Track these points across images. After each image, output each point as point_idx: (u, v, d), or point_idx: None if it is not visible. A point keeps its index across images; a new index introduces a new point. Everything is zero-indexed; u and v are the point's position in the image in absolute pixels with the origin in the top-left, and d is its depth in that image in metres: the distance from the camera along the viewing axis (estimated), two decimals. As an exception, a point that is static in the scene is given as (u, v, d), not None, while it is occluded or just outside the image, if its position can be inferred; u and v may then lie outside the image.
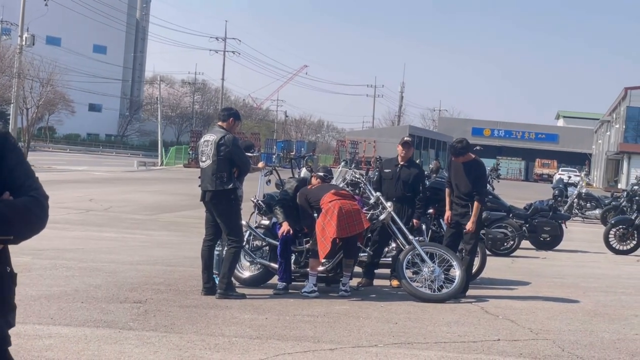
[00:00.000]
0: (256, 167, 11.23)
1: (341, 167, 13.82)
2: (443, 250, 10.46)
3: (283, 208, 10.52)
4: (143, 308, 8.59)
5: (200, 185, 9.86)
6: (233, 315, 8.50)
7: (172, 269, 11.63)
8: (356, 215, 10.01)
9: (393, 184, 11.32)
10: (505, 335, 8.15)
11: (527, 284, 12.25)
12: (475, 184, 10.75)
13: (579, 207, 28.51)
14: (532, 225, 17.73)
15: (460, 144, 10.88)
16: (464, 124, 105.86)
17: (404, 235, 10.52)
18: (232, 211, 9.70)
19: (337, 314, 8.84)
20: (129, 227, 18.07)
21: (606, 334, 8.56)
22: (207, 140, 9.78)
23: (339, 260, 10.29)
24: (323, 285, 10.58)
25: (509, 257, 16.21)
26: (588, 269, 15.11)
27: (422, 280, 10.21)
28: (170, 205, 24.85)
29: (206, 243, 9.93)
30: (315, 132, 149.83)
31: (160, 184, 36.37)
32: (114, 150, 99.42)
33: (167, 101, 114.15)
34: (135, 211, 22.23)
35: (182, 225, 19.13)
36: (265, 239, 10.69)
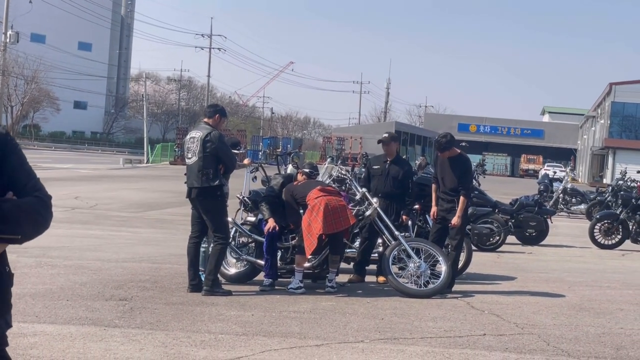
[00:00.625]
0: (242, 163, 11.21)
1: (327, 163, 13.83)
2: (429, 246, 10.48)
3: (269, 204, 10.51)
4: (129, 305, 8.57)
5: (186, 182, 9.84)
6: (219, 312, 8.49)
7: (158, 266, 11.61)
8: (342, 211, 10.02)
9: (382, 181, 11.32)
10: (491, 330, 8.17)
11: (512, 279, 12.29)
12: (461, 179, 10.78)
13: (564, 202, 28.63)
14: (518, 221, 17.79)
15: (445, 139, 10.90)
16: (450, 119, 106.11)
17: (390, 231, 10.53)
18: (218, 208, 9.69)
19: (324, 310, 8.85)
20: (114, 224, 18.02)
21: (591, 328, 8.60)
22: (193, 136, 9.76)
23: (325, 257, 10.30)
24: (309, 281, 10.59)
25: (495, 252, 16.26)
26: (573, 263, 15.18)
27: (408, 276, 10.23)
28: (156, 203, 24.79)
29: (192, 240, 9.91)
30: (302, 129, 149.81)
31: (146, 182, 36.27)
32: (100, 147, 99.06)
33: (153, 98, 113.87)
34: (121, 209, 22.17)
35: (168, 223, 19.09)
36: (252, 236, 10.68)
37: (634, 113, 72.61)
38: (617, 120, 72.70)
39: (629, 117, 72.91)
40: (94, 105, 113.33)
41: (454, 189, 10.78)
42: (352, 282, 11.07)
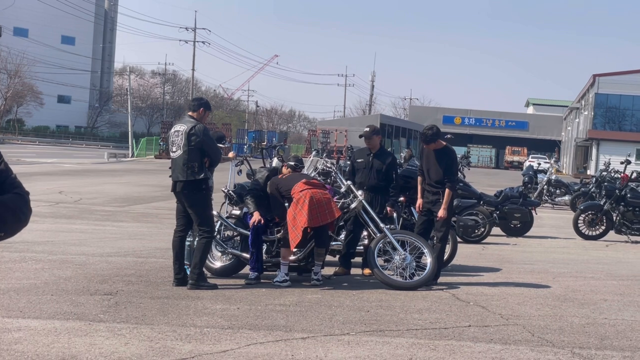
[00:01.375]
0: (227, 157, 11.19)
1: (313, 156, 13.83)
2: (414, 238, 10.50)
3: (254, 198, 10.49)
4: (114, 300, 8.55)
5: (171, 175, 9.81)
6: (205, 305, 8.48)
7: (143, 261, 11.58)
8: (327, 204, 10.02)
9: (366, 173, 11.31)
10: (476, 322, 8.20)
11: (497, 270, 12.33)
12: (446, 171, 10.79)
13: (548, 193, 28.74)
14: (503, 212, 17.84)
15: (431, 131, 10.91)
16: (435, 112, 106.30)
17: (375, 223, 10.53)
18: (203, 201, 9.67)
19: (309, 303, 8.85)
20: (99, 219, 17.95)
21: (575, 318, 8.64)
22: (177, 130, 9.73)
23: (310, 250, 10.30)
24: (295, 274, 10.59)
25: (480, 244, 16.30)
26: (558, 254, 15.25)
27: (394, 268, 10.24)
28: (141, 197, 24.72)
29: (177, 234, 9.89)
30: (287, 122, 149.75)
31: (131, 176, 36.17)
32: (84, 142, 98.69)
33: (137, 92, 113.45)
34: (106, 203, 22.09)
35: (153, 217, 19.04)
36: (237, 229, 10.67)
37: (618, 104, 72.95)
38: (601, 111, 73.01)
39: (612, 109, 73.24)
40: (77, 100, 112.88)
41: (440, 181, 10.79)
42: (337, 274, 11.07)
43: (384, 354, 6.70)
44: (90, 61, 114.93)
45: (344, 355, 6.60)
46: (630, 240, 18.36)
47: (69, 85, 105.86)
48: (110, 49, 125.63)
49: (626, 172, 22.93)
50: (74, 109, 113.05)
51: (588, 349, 7.23)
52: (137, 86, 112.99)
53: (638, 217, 18.46)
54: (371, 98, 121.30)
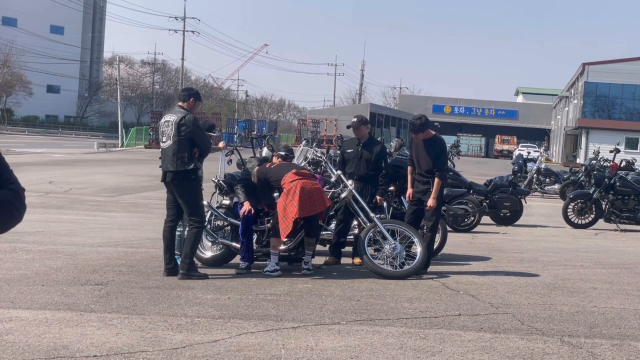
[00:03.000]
0: (217, 147, 11.17)
1: (303, 146, 13.81)
2: (404, 228, 10.52)
3: (244, 188, 10.49)
4: (104, 290, 8.55)
5: (161, 165, 9.80)
6: (195, 295, 8.49)
7: (134, 251, 11.57)
8: (317, 194, 10.02)
9: (356, 163, 11.32)
10: (466, 310, 8.23)
11: (487, 259, 12.38)
12: (435, 160, 10.80)
13: (538, 182, 28.81)
14: (492, 201, 17.88)
15: (420, 121, 10.93)
16: (425, 101, 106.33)
17: (365, 212, 10.55)
18: (194, 191, 9.66)
19: (300, 293, 8.87)
20: (89, 209, 17.93)
21: (565, 306, 8.68)
22: (167, 120, 9.71)
23: (300, 239, 10.31)
24: (285, 264, 10.60)
25: (470, 233, 16.35)
26: (547, 243, 15.30)
27: (384, 258, 10.27)
28: (131, 187, 24.68)
29: (168, 224, 9.89)
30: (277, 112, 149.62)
31: (121, 166, 36.09)
32: (74, 132, 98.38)
33: (127, 82, 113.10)
34: (96, 193, 22.05)
35: (144, 207, 19.02)
36: (227, 219, 10.67)
37: (607, 93, 73.13)
38: (590, 100, 73.18)
39: (601, 97, 73.40)
40: (67, 89, 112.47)
41: (429, 171, 10.81)
42: (328, 264, 11.09)
43: (375, 343, 6.72)
44: (79, 51, 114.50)
45: (334, 344, 6.62)
46: (619, 228, 18.44)
47: (58, 75, 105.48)
48: (100, 38, 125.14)
49: (615, 161, 23.00)
50: (64, 98, 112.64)
51: (577, 337, 7.27)
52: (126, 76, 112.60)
53: (627, 206, 18.54)
54: (361, 87, 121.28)
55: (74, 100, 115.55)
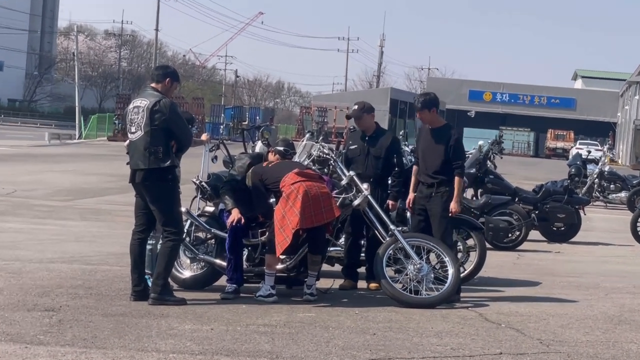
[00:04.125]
0: (199, 139, 11.18)
1: (306, 140, 13.80)
2: (433, 243, 10.51)
3: (232, 191, 10.49)
4: (57, 317, 8.56)
5: (129, 162, 9.81)
6: (170, 325, 8.50)
7: (93, 269, 11.59)
8: (324, 200, 10.01)
9: (363, 162, 11.29)
10: (509, 348, 8.23)
11: (536, 284, 12.37)
12: (451, 154, 10.74)
13: (600, 189, 28.77)
14: (543, 212, 17.86)
15: (426, 96, 10.96)
16: (459, 85, 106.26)
17: (383, 224, 10.54)
18: (169, 195, 9.67)
19: (301, 324, 8.87)
20: (38, 215, 17.95)
21: (633, 345, 8.67)
22: (137, 106, 9.72)
23: (302, 257, 10.31)
24: (283, 287, 10.60)
25: (514, 252, 16.33)
26: (611, 265, 15.29)
27: (407, 281, 10.26)
28: (90, 189, 24.72)
29: (136, 235, 9.89)
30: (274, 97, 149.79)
31: (78, 162, 36.14)
32: (19, 119, 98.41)
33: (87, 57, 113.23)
34: (47, 196, 22.08)
35: (106, 214, 19.05)
36: (211, 230, 10.68)
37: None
38: (668, 87, 72.98)
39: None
40: (11, 66, 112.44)
41: (438, 171, 10.78)
42: (344, 288, 11.11)
43: (394, 387, 6.72)
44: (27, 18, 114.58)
45: (344, 388, 6.62)
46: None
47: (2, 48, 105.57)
48: (53, 3, 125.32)
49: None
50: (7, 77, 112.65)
51: (648, 383, 7.26)
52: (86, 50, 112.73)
53: None
54: (380, 68, 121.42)
55: (21, 80, 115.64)
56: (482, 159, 18.88)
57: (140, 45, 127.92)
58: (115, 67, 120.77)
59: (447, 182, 10.76)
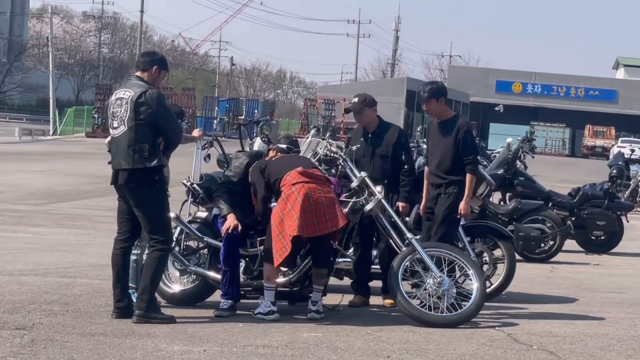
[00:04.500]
0: (190, 136, 11.20)
1: (311, 136, 13.82)
2: (455, 254, 10.51)
3: (228, 194, 10.50)
4: (29, 337, 8.57)
5: (110, 162, 9.82)
6: (157, 346, 8.51)
7: (71, 282, 11.61)
8: (329, 207, 9.97)
9: (368, 164, 11.27)
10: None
11: (572, 300, 12.37)
12: (460, 149, 10.76)
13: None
14: (580, 219, 17.83)
15: (432, 85, 11.02)
16: (485, 75, 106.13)
17: (399, 231, 10.54)
18: (156, 199, 9.68)
19: (305, 344, 8.89)
20: (7, 222, 17.98)
21: (682, 370, 8.67)
22: (120, 97, 9.73)
23: (307, 269, 10.31)
24: (285, 303, 10.61)
25: (548, 264, 16.33)
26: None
27: (425, 297, 10.26)
28: (66, 191, 24.74)
29: (119, 244, 9.91)
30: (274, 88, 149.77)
31: (53, 161, 36.18)
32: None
33: (63, 42, 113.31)
34: (17, 199, 22.11)
35: (84, 220, 19.07)
36: (203, 239, 10.68)
37: None
38: None
39: None
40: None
41: (446, 169, 10.80)
42: (354, 305, 11.13)
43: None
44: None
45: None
46: None
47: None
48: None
49: None
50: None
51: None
52: (62, 34, 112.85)
53: None
54: (394, 55, 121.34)
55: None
56: (510, 158, 18.85)
57: (123, 29, 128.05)
58: (95, 53, 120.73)
59: (457, 182, 10.81)
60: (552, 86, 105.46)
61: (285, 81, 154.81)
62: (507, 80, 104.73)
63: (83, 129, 64.30)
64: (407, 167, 11.38)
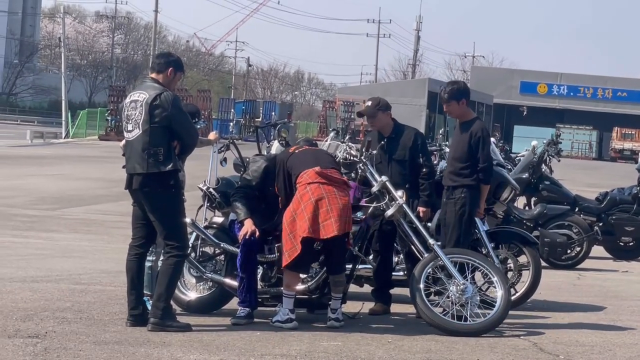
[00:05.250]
0: (206, 139, 11.21)
1: (330, 139, 13.83)
2: (479, 260, 10.50)
3: (245, 199, 10.50)
4: (42, 345, 8.59)
5: (125, 165, 9.84)
6: (173, 355, 8.52)
7: (84, 289, 11.63)
8: (343, 210, 9.92)
9: (385, 169, 11.25)
10: (568, 384, 8.22)
11: (600, 309, 12.33)
12: (477, 154, 10.75)
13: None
14: (608, 224, 17.78)
15: (454, 86, 11.01)
16: (509, 76, 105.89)
17: (420, 237, 10.53)
18: (172, 204, 9.69)
19: (325, 354, 8.89)
20: (19, 227, 18.02)
21: None
22: (135, 100, 9.75)
23: (326, 276, 10.30)
24: (304, 311, 10.61)
25: (574, 271, 16.29)
26: (689, 287, 15.21)
27: (448, 304, 10.25)
28: (80, 196, 24.80)
29: (134, 251, 9.92)
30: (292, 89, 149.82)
31: (66, 165, 36.26)
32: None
33: (75, 43, 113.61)
34: (29, 204, 22.17)
35: (98, 225, 19.11)
36: (220, 244, 10.69)
37: None
38: None
39: None
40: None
41: (456, 172, 10.80)
42: (374, 313, 11.13)
43: None
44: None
45: None
46: None
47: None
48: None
49: None
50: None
51: None
52: (74, 34, 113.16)
53: None
54: (415, 55, 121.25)
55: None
56: (536, 162, 18.82)
57: (137, 29, 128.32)
58: (108, 54, 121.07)
59: (465, 186, 10.81)
60: (579, 87, 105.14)
61: (303, 82, 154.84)
62: (532, 81, 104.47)
63: (96, 131, 64.38)
64: (425, 171, 11.35)
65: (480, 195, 10.92)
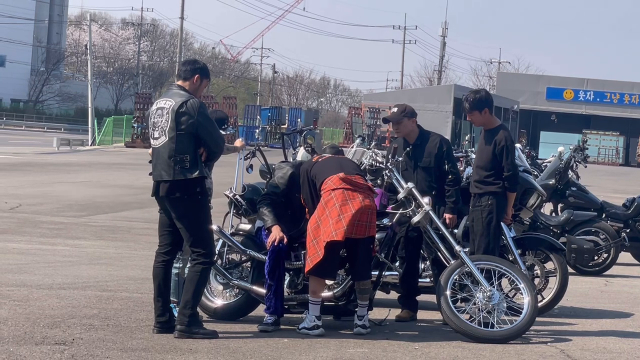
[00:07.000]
0: (232, 146, 11.22)
1: (355, 146, 13.82)
2: (505, 267, 10.48)
3: (272, 206, 10.51)
4: (69, 352, 8.62)
5: (151, 173, 9.86)
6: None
7: (111, 296, 11.66)
8: (369, 215, 9.94)
9: (411, 176, 11.24)
10: (596, 391, 8.19)
11: (627, 315, 12.28)
12: (503, 162, 10.74)
13: None
14: (635, 231, 17.72)
15: (477, 95, 11.00)
16: (535, 82, 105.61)
17: (447, 244, 10.52)
18: (198, 211, 9.70)
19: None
20: (46, 234, 18.08)
21: None
22: (161, 107, 9.78)
23: (352, 283, 10.29)
24: (330, 318, 10.61)
25: (602, 277, 16.23)
26: None
27: (475, 311, 10.23)
28: (106, 203, 24.86)
29: (160, 258, 9.94)
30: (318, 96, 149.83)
31: (92, 172, 36.37)
32: (24, 122, 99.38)
33: (102, 50, 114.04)
34: (56, 211, 22.24)
35: (124, 232, 19.15)
36: (247, 251, 10.69)
37: None
38: None
39: None
40: (15, 61, 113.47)
41: (481, 179, 10.80)
42: (401, 319, 11.12)
43: None
44: (33, 6, 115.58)
45: None
46: None
47: (4, 40, 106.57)
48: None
49: None
50: (10, 74, 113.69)
51: None
52: (100, 42, 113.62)
53: None
54: (441, 62, 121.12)
55: (25, 77, 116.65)
56: (562, 168, 18.78)
57: (163, 36, 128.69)
58: (134, 61, 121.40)
59: (491, 193, 10.79)
60: (605, 93, 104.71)
61: (329, 89, 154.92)
62: (558, 87, 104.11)
63: (122, 138, 64.58)
64: (451, 177, 11.33)
65: (506, 202, 10.91)
